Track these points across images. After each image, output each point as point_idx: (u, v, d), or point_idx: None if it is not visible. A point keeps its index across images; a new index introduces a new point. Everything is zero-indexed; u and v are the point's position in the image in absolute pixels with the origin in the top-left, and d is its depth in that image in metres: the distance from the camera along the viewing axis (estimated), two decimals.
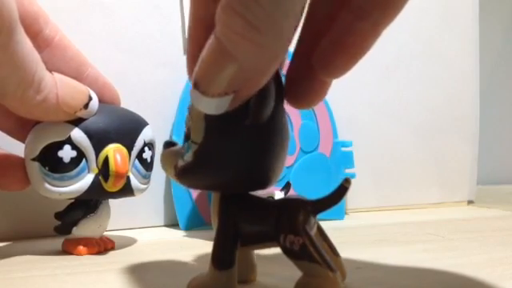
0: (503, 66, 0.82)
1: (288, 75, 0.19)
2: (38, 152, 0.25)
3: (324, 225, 0.20)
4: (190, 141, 0.18)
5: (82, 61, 0.27)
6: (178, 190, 0.36)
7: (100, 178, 0.26)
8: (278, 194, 0.31)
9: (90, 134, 0.25)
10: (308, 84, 0.18)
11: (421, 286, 0.20)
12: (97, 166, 0.26)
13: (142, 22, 0.37)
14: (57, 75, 0.24)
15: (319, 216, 0.18)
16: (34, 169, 0.25)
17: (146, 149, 0.28)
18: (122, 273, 0.23)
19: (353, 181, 0.18)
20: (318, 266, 0.16)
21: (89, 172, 0.26)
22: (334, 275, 0.16)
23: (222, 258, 0.18)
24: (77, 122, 0.25)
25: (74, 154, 0.25)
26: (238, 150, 0.17)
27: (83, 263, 0.25)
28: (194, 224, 0.36)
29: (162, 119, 0.37)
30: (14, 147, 0.27)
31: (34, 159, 0.25)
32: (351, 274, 0.20)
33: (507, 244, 0.30)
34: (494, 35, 0.79)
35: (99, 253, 0.28)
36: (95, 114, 0.26)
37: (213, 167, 0.17)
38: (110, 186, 0.26)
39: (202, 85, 0.15)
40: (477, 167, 0.53)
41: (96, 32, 0.36)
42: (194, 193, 0.36)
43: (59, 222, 0.28)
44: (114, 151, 0.26)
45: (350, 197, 0.44)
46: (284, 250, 0.17)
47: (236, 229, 0.18)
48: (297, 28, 0.19)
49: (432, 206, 0.49)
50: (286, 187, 0.32)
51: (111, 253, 0.28)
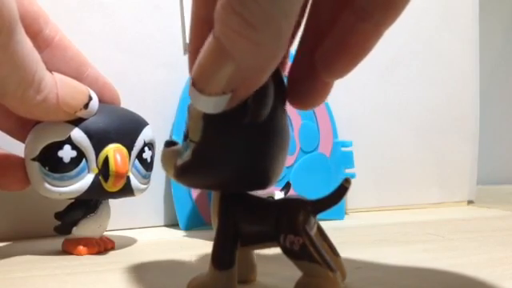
0: (503, 66, 0.82)
1: (290, 76, 0.19)
2: (38, 152, 0.25)
3: (324, 225, 0.20)
4: (188, 140, 0.18)
5: (82, 61, 0.27)
6: (178, 190, 0.36)
7: (100, 177, 0.26)
8: (278, 194, 0.31)
9: (90, 134, 0.25)
10: (310, 85, 0.18)
11: (421, 286, 0.20)
12: (97, 165, 0.26)
13: (141, 22, 0.37)
14: (57, 75, 0.24)
15: (319, 216, 0.18)
16: (34, 169, 0.25)
17: (146, 149, 0.28)
18: (122, 273, 0.23)
19: (353, 181, 0.18)
20: (317, 266, 0.16)
21: (89, 172, 0.26)
22: (334, 275, 0.16)
23: (221, 258, 0.18)
24: (77, 121, 0.25)
25: (74, 153, 0.25)
26: (236, 149, 0.17)
27: (83, 263, 0.25)
28: (194, 224, 0.36)
29: (161, 119, 0.37)
30: (14, 147, 0.27)
31: (34, 159, 0.25)
32: (351, 274, 0.20)
33: (507, 244, 0.30)
34: (493, 35, 0.79)
35: (99, 253, 0.28)
36: (95, 114, 0.26)
37: (210, 166, 0.17)
38: (110, 185, 0.26)
39: (199, 83, 0.15)
40: (477, 167, 0.53)
41: (96, 32, 0.36)
42: (194, 193, 0.36)
43: (59, 222, 0.28)
44: (114, 151, 0.26)
45: (350, 197, 0.44)
46: (284, 250, 0.17)
47: (236, 229, 0.18)
48: (298, 29, 0.19)
49: (432, 206, 0.49)
50: (286, 187, 0.32)
51: (111, 253, 0.28)
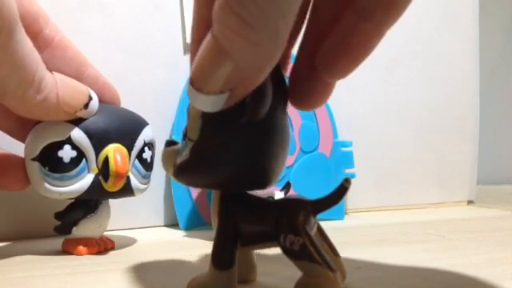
0: (503, 66, 0.82)
1: (292, 77, 0.19)
2: (38, 152, 0.25)
3: (324, 225, 0.20)
4: (187, 138, 0.18)
5: (82, 61, 0.27)
6: (178, 190, 0.36)
7: (100, 177, 0.26)
8: (278, 194, 0.31)
9: (90, 134, 0.25)
10: (311, 85, 0.18)
11: (421, 286, 0.20)
12: (97, 165, 0.26)
13: (141, 22, 0.37)
14: (57, 75, 0.24)
15: (319, 216, 0.18)
16: (34, 169, 0.25)
17: (146, 149, 0.28)
18: (122, 273, 0.23)
19: (353, 181, 0.18)
20: (317, 266, 0.16)
21: (89, 172, 0.26)
22: (334, 275, 0.16)
23: (222, 257, 0.18)
24: (77, 121, 0.25)
25: (74, 153, 0.25)
26: (234, 148, 0.17)
27: (83, 263, 0.25)
28: (194, 224, 0.36)
29: (161, 119, 0.37)
30: (14, 147, 0.27)
31: (34, 159, 0.25)
32: (351, 274, 0.20)
33: (507, 244, 0.30)
34: (493, 35, 0.79)
35: (99, 253, 0.28)
36: (95, 114, 0.26)
37: (209, 164, 0.17)
38: (110, 185, 0.26)
39: (198, 82, 0.15)
40: (477, 167, 0.53)
41: (96, 32, 0.36)
42: (194, 193, 0.36)
43: (59, 222, 0.28)
44: (114, 151, 0.26)
45: (350, 197, 0.44)
46: (284, 250, 0.17)
47: (236, 229, 0.18)
48: (299, 30, 0.19)
49: (432, 206, 0.49)
50: (286, 187, 0.32)
51: (111, 253, 0.28)
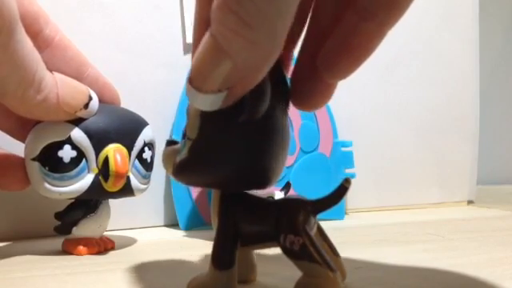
0: (503, 66, 0.82)
1: (293, 78, 0.19)
2: (38, 152, 0.25)
3: (324, 225, 0.20)
4: (186, 138, 0.18)
5: (82, 61, 0.27)
6: (178, 190, 0.36)
7: (100, 177, 0.26)
8: (278, 194, 0.31)
9: (90, 134, 0.25)
10: (313, 86, 0.18)
11: (421, 286, 0.20)
12: (97, 165, 0.26)
13: (141, 22, 0.37)
14: (57, 75, 0.24)
15: (319, 216, 0.18)
16: (34, 169, 0.25)
17: (146, 149, 0.28)
18: (122, 273, 0.23)
19: (353, 181, 0.18)
20: (317, 266, 0.16)
21: (89, 172, 0.26)
22: (334, 275, 0.16)
23: (222, 257, 0.18)
24: (77, 121, 0.25)
25: (74, 153, 0.25)
26: (233, 147, 0.17)
27: (83, 263, 0.25)
28: (194, 224, 0.36)
29: (161, 119, 0.37)
30: (14, 147, 0.27)
31: (34, 159, 0.25)
32: (351, 274, 0.20)
33: (507, 244, 0.30)
34: (494, 35, 0.79)
35: (99, 253, 0.28)
36: (95, 114, 0.26)
37: (207, 163, 0.17)
38: (110, 185, 0.26)
39: (196, 81, 0.15)
40: (477, 167, 0.53)
41: (96, 32, 0.36)
42: (194, 193, 0.36)
43: (59, 222, 0.28)
44: (114, 151, 0.26)
45: (350, 197, 0.44)
46: (284, 250, 0.17)
47: (236, 229, 0.18)
48: (301, 31, 0.19)
49: (432, 206, 0.49)
50: (286, 187, 0.32)
51: (111, 253, 0.28)
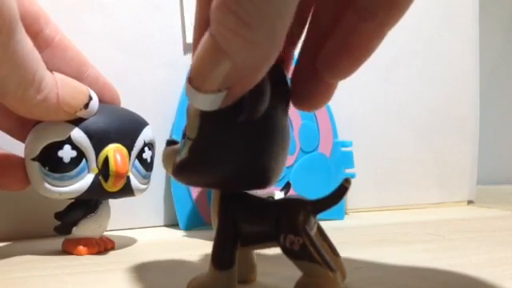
0: (503, 66, 0.82)
1: (293, 78, 0.19)
2: (38, 152, 0.25)
3: (324, 225, 0.20)
4: (186, 137, 0.18)
5: (82, 61, 0.27)
6: (178, 190, 0.36)
7: (100, 177, 0.26)
8: (278, 194, 0.31)
9: (90, 134, 0.25)
10: (313, 86, 0.18)
11: (421, 286, 0.20)
12: (97, 165, 0.26)
13: (141, 22, 0.37)
14: (57, 75, 0.24)
15: (319, 216, 0.18)
16: (34, 169, 0.25)
17: (146, 149, 0.28)
18: (122, 273, 0.23)
19: (353, 181, 0.18)
20: (317, 266, 0.16)
21: (89, 172, 0.26)
22: (334, 275, 0.16)
23: (222, 257, 0.18)
24: (77, 121, 0.25)
25: (74, 153, 0.25)
26: (233, 147, 0.17)
27: (83, 263, 0.25)
28: (194, 224, 0.36)
29: (161, 119, 0.37)
30: (14, 147, 0.27)
31: (34, 159, 0.25)
32: (351, 274, 0.20)
33: (507, 244, 0.30)
34: (493, 35, 0.79)
35: (99, 253, 0.28)
36: (95, 114, 0.26)
37: (207, 163, 0.17)
38: (110, 185, 0.26)
39: (196, 81, 0.15)
40: (477, 167, 0.53)
41: (96, 32, 0.36)
42: (194, 193, 0.36)
43: (59, 222, 0.28)
44: (114, 151, 0.26)
45: (350, 197, 0.44)
46: (284, 250, 0.17)
47: (236, 229, 0.18)
48: (301, 31, 0.19)
49: (432, 206, 0.49)
50: (286, 187, 0.32)
51: (111, 253, 0.28)
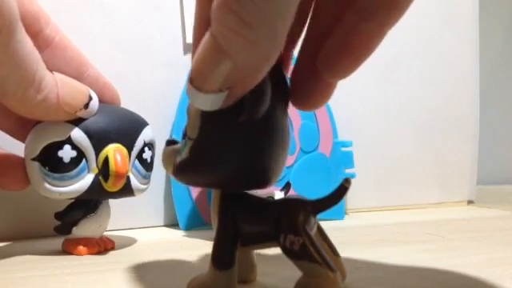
0: (503, 66, 0.82)
1: (293, 77, 0.19)
2: (38, 152, 0.25)
3: (324, 225, 0.20)
4: (186, 137, 0.18)
5: (82, 61, 0.27)
6: (178, 190, 0.36)
7: (100, 177, 0.26)
8: (278, 194, 0.31)
9: (90, 134, 0.25)
10: (313, 85, 0.18)
11: (421, 286, 0.20)
12: (97, 165, 0.26)
13: (141, 22, 0.37)
14: (57, 75, 0.24)
15: (319, 216, 0.18)
16: (34, 169, 0.25)
17: (146, 149, 0.28)
18: (122, 273, 0.23)
19: (353, 181, 0.18)
20: (317, 266, 0.16)
21: (89, 172, 0.26)
22: (334, 275, 0.16)
23: (222, 257, 0.18)
24: (77, 121, 0.25)
25: (74, 153, 0.25)
26: (234, 147, 0.17)
27: (83, 263, 0.25)
28: (194, 224, 0.36)
29: (161, 119, 0.37)
30: (14, 147, 0.27)
31: (34, 159, 0.25)
32: (351, 274, 0.20)
33: (507, 244, 0.30)
34: (493, 35, 0.79)
35: (99, 253, 0.28)
36: (95, 114, 0.26)
37: (208, 163, 0.17)
38: (110, 185, 0.26)
39: (197, 81, 0.15)
40: (477, 167, 0.53)
41: (96, 32, 0.36)
42: (194, 193, 0.36)
43: (59, 222, 0.28)
44: (114, 151, 0.26)
45: (350, 197, 0.44)
46: (284, 250, 0.17)
47: (236, 229, 0.18)
48: (301, 31, 0.19)
49: (432, 206, 0.49)
50: (286, 187, 0.32)
51: (111, 253, 0.28)
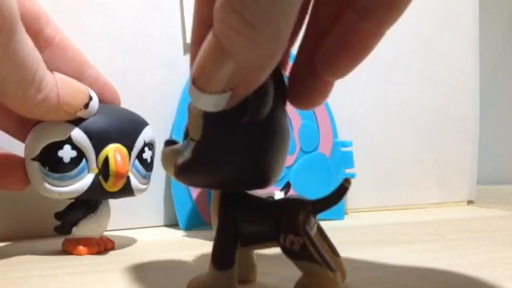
0: (503, 66, 0.82)
1: (291, 76, 0.19)
2: (38, 152, 0.25)
3: (324, 225, 0.20)
4: (188, 138, 0.18)
5: (82, 61, 0.27)
6: (178, 190, 0.36)
7: (100, 177, 0.26)
8: (278, 194, 0.31)
9: (90, 134, 0.25)
10: (311, 84, 0.18)
11: (421, 286, 0.20)
12: (97, 165, 0.26)
13: (141, 22, 0.37)
14: (58, 75, 0.24)
15: (319, 216, 0.18)
16: (34, 169, 0.25)
17: (146, 149, 0.28)
18: (122, 273, 0.23)
19: (353, 181, 0.18)
20: (317, 265, 0.16)
21: (89, 172, 0.26)
22: (334, 275, 0.16)
23: (222, 257, 0.18)
24: (77, 121, 0.25)
25: (74, 153, 0.25)
26: (236, 148, 0.17)
27: (83, 263, 0.25)
28: (194, 224, 0.36)
29: (161, 119, 0.37)
30: (14, 147, 0.27)
31: (34, 159, 0.25)
32: (351, 274, 0.20)
33: (507, 244, 0.30)
34: (494, 35, 0.79)
35: (99, 253, 0.28)
36: (95, 114, 0.26)
37: (211, 164, 0.17)
38: (110, 185, 0.26)
39: (200, 81, 0.15)
40: (477, 167, 0.53)
41: (96, 32, 0.36)
42: (194, 193, 0.36)
43: (59, 222, 0.28)
44: (114, 151, 0.26)
45: (350, 197, 0.44)
46: (284, 250, 0.17)
47: (236, 229, 0.18)
48: (299, 29, 0.19)
49: (432, 206, 0.49)
50: (286, 187, 0.32)
51: (111, 253, 0.28)
